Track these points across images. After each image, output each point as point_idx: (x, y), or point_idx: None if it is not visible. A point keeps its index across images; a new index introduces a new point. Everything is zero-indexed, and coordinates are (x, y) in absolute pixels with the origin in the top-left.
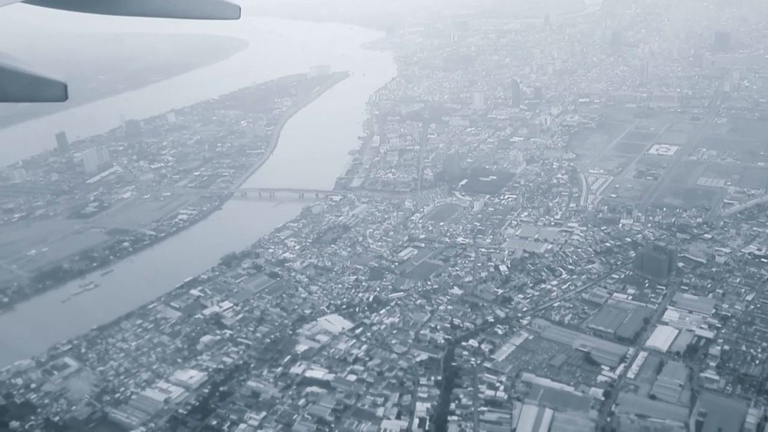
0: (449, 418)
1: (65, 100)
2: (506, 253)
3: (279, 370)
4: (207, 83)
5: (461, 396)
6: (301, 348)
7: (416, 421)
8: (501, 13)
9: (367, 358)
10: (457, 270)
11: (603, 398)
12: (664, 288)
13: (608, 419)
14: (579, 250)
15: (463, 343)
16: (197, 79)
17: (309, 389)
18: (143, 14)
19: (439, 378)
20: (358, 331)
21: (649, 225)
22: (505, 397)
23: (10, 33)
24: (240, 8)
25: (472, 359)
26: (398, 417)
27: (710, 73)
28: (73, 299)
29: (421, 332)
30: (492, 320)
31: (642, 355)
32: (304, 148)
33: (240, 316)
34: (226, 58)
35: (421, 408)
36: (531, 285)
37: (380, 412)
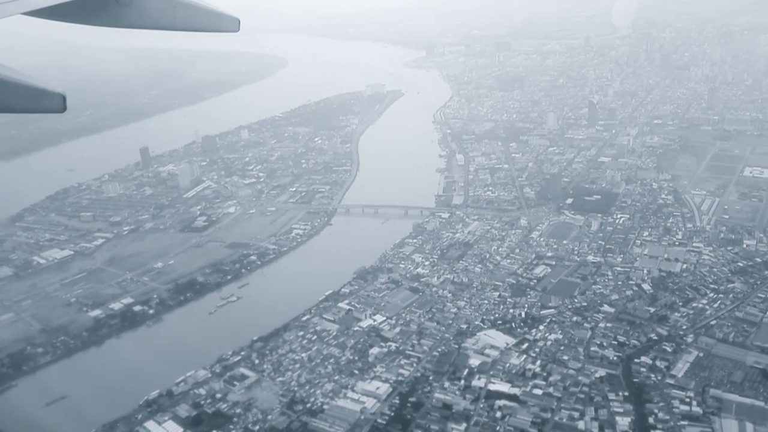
0: None
1: (64, 111)
2: (645, 272)
3: (461, 383)
4: (262, 100)
5: (656, 411)
6: (474, 362)
7: None
8: (533, 34)
9: (544, 373)
10: (599, 288)
11: None
12: None
13: None
14: (714, 269)
15: (636, 360)
16: (249, 95)
17: (499, 402)
18: (143, 26)
19: (626, 393)
20: (524, 346)
21: None
22: (700, 411)
23: (31, 49)
24: (239, 21)
25: (652, 375)
26: (601, 430)
27: None
28: (219, 311)
29: (591, 349)
30: (655, 338)
31: None
32: (387, 165)
33: (398, 329)
34: (270, 76)
35: (622, 422)
36: (681, 304)
37: (581, 425)
